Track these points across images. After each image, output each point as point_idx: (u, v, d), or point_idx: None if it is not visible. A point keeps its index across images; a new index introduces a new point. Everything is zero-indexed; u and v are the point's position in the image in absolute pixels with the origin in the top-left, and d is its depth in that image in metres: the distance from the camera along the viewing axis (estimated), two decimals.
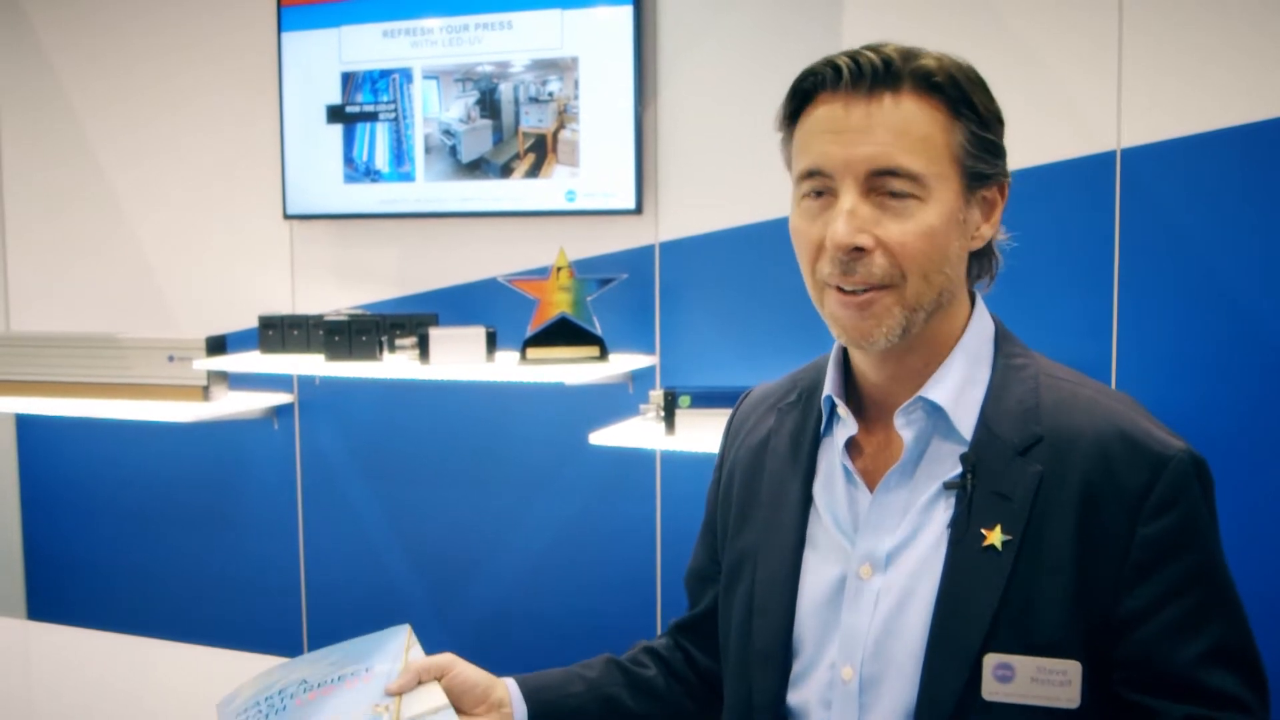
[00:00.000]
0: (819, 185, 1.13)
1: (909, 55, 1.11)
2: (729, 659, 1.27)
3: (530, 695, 1.31)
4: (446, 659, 1.28)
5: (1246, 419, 2.44)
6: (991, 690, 1.08)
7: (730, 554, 1.30)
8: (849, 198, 1.10)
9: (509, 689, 1.31)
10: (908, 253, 1.10)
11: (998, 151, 1.15)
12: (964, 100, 1.11)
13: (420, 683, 1.25)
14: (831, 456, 1.23)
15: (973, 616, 1.09)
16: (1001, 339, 1.21)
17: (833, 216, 1.11)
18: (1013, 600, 1.08)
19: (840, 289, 1.12)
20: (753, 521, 1.27)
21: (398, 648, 1.29)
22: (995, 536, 1.10)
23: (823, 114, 1.12)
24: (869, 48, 1.12)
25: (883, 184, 1.09)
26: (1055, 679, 1.07)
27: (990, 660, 1.08)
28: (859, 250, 1.09)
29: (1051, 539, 1.09)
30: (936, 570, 1.12)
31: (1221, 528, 1.14)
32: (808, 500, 1.23)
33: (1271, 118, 2.38)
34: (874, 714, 1.13)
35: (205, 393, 3.29)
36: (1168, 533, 1.08)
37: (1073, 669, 1.08)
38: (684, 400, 2.75)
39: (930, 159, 1.10)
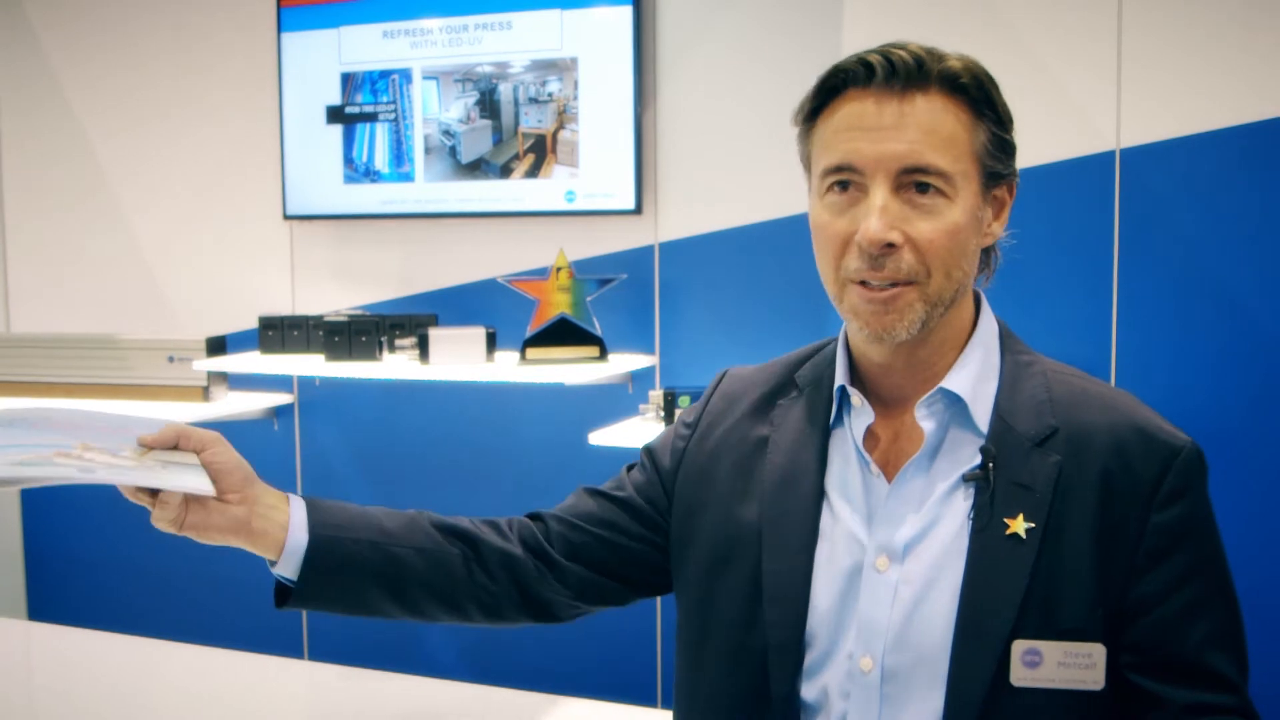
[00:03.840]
0: (845, 180, 1.14)
1: (935, 56, 1.14)
2: (721, 645, 1.24)
3: (317, 524, 1.28)
4: (212, 435, 1.24)
5: (1245, 418, 2.44)
6: (1020, 676, 1.10)
7: (711, 535, 1.27)
8: (880, 194, 1.11)
9: (293, 507, 1.28)
10: (934, 250, 1.12)
11: (1011, 151, 1.18)
12: (986, 101, 1.15)
13: (177, 448, 1.22)
14: (844, 448, 1.23)
15: (1000, 604, 1.11)
16: (1006, 336, 1.24)
17: (863, 213, 1.12)
18: (1038, 587, 1.11)
19: (864, 284, 1.14)
20: (747, 510, 1.24)
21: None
22: (1019, 525, 1.12)
23: (852, 110, 1.13)
24: (896, 46, 1.13)
25: (912, 181, 1.12)
26: (1081, 662, 1.11)
27: (1019, 646, 1.10)
28: (890, 246, 1.11)
29: (1073, 527, 1.12)
30: (959, 560, 1.13)
31: (1220, 526, 1.18)
32: (821, 493, 1.22)
33: (1271, 118, 2.38)
34: (899, 703, 1.14)
35: (205, 393, 3.29)
36: (1178, 521, 1.13)
37: (1097, 652, 1.11)
38: (683, 400, 2.75)
39: (956, 157, 1.12)
